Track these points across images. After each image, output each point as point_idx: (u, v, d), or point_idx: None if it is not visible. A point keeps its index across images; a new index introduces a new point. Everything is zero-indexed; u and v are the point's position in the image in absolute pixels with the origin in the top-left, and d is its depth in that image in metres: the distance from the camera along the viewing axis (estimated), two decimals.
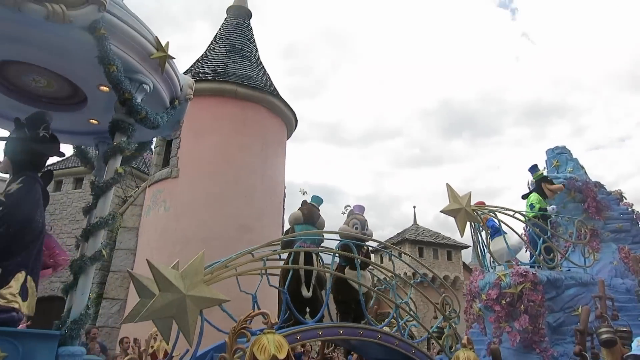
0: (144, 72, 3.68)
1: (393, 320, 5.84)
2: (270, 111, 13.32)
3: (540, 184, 7.85)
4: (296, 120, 14.54)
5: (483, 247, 6.97)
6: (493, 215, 6.90)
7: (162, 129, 4.42)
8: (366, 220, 5.73)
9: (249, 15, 15.60)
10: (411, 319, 5.87)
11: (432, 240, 30.87)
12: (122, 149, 3.60)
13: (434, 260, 29.90)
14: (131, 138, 3.75)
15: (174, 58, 3.93)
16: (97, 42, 3.18)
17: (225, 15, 15.49)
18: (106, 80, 3.38)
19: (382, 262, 31.23)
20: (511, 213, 6.93)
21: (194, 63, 14.01)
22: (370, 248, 6.11)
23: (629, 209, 8.79)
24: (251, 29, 15.46)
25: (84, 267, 3.35)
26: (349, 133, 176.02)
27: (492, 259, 7.05)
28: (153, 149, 13.78)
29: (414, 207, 47.90)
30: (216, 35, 14.98)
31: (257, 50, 15.02)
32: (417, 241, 30.41)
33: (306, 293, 4.78)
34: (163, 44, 3.72)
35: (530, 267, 6.95)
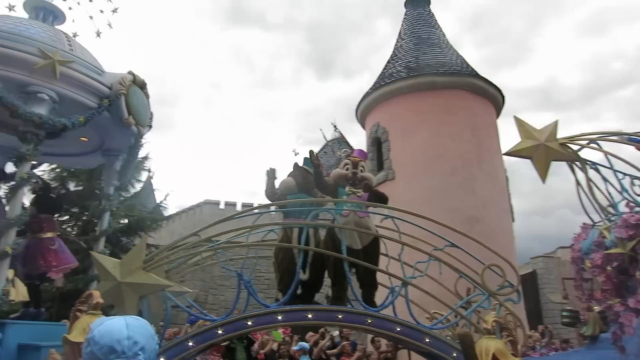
0: (37, 82, 4.00)
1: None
2: (474, 93, 12.77)
3: None
4: (503, 97, 13.60)
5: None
6: (597, 146, 4.19)
7: (122, 134, 4.74)
8: (363, 161, 4.58)
9: (427, 1, 15.45)
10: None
11: None
12: (24, 157, 3.99)
13: None
14: (38, 145, 4.05)
15: (72, 62, 4.19)
16: None
17: (404, 10, 15.63)
18: None
19: None
20: (622, 138, 4.05)
21: (386, 65, 14.39)
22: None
23: None
24: (432, 15, 15.29)
25: None
26: (564, 93, 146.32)
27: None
28: None
29: None
30: (400, 31, 15.17)
31: (444, 35, 14.69)
32: None
33: (303, 275, 4.00)
34: (53, 51, 3.99)
35: None
